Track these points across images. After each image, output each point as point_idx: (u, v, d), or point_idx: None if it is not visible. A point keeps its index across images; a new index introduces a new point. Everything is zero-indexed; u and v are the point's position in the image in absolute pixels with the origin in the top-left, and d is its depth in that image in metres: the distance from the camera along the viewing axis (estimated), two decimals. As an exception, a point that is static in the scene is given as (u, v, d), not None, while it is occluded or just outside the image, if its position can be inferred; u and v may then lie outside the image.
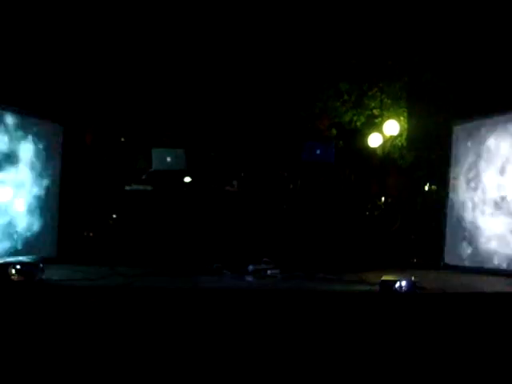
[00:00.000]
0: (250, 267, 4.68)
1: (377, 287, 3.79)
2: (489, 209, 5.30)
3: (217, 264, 4.99)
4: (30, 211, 5.18)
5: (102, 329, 3.48)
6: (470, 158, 5.59)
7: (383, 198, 7.48)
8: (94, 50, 8.58)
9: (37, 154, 5.28)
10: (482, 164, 5.44)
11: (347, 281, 4.39)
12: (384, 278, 3.77)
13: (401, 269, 5.38)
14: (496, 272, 4.98)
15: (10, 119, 4.98)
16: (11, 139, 4.97)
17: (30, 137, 5.18)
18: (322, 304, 3.65)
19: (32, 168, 5.23)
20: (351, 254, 5.37)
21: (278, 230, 5.40)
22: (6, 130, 4.92)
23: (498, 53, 8.37)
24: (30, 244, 5.11)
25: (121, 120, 8.39)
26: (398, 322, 3.53)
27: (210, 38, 9.06)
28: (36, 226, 5.24)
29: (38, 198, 5.29)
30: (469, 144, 5.63)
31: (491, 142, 5.36)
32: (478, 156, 5.49)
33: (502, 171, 5.21)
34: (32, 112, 5.26)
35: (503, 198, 5.16)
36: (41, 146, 5.32)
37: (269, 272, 4.61)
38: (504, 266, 5.00)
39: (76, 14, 8.33)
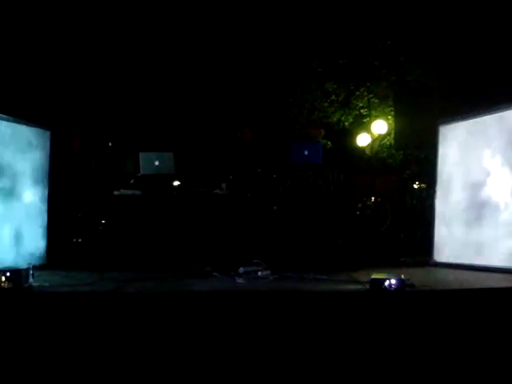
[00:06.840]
0: (241, 269, 4.67)
1: (367, 286, 3.82)
2: (476, 207, 5.33)
3: (207, 267, 4.99)
4: (20, 218, 5.13)
5: (92, 334, 3.47)
6: (457, 157, 5.62)
7: (373, 198, 7.50)
8: (80, 55, 8.56)
9: (25, 159, 5.22)
10: (469, 162, 5.47)
11: (338, 280, 4.40)
12: (374, 276, 3.79)
13: (391, 267, 5.41)
14: (486, 269, 5.00)
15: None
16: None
17: (17, 142, 5.12)
18: (314, 304, 3.66)
19: (20, 174, 5.17)
20: (341, 253, 5.38)
21: (268, 232, 5.40)
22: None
23: (484, 52, 8.45)
24: (19, 251, 5.07)
25: (108, 124, 8.36)
26: (389, 320, 3.55)
27: (197, 40, 9.08)
28: (25, 232, 5.19)
29: (27, 204, 5.24)
30: (455, 143, 5.67)
31: (477, 140, 5.39)
32: (465, 154, 5.53)
33: (488, 169, 5.25)
34: (19, 117, 5.20)
35: (490, 197, 5.19)
36: (28, 152, 5.26)
37: (260, 273, 4.60)
38: (494, 262, 5.02)
39: (63, 16, 8.33)
